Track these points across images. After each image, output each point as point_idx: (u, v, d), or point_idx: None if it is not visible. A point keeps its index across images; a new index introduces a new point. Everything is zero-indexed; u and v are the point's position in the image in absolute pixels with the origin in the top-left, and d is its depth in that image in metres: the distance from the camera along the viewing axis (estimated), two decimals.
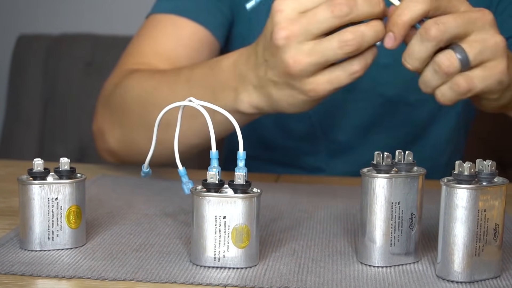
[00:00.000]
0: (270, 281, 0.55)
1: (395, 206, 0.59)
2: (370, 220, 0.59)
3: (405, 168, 0.60)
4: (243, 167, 0.59)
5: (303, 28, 0.66)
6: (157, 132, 0.65)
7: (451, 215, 0.55)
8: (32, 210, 0.60)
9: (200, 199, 0.57)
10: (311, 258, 0.61)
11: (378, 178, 0.59)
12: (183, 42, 0.97)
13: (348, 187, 0.88)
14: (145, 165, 0.68)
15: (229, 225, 0.57)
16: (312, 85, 0.68)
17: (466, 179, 0.55)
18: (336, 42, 0.66)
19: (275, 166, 1.07)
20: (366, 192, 0.59)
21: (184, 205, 0.77)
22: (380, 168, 0.59)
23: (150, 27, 0.99)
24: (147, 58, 0.95)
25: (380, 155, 0.59)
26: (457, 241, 0.55)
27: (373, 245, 0.59)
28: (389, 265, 0.59)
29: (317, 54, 0.66)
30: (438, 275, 0.57)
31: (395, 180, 0.59)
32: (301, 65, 0.67)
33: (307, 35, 0.66)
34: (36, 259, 0.58)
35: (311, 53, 0.66)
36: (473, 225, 0.55)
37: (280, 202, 0.80)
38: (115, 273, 0.56)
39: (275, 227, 0.70)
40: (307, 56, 0.66)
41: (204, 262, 0.58)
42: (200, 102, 0.61)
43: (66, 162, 0.61)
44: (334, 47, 0.66)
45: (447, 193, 0.55)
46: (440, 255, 0.57)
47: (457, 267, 0.55)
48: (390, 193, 0.58)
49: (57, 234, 0.61)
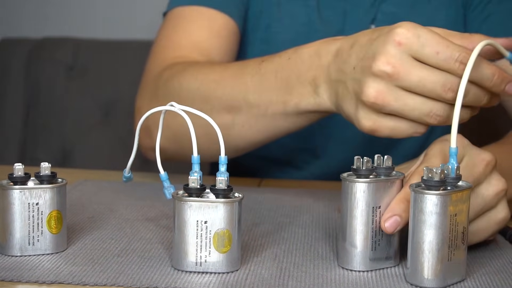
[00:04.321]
0: (252, 285, 0.55)
1: (375, 211, 0.59)
2: (351, 225, 0.59)
3: (385, 172, 0.60)
4: (225, 171, 0.59)
5: (414, 75, 0.62)
6: (138, 138, 0.65)
7: (424, 221, 0.55)
8: (12, 215, 0.59)
9: (182, 204, 0.57)
10: (292, 263, 0.61)
11: (358, 182, 0.59)
12: (216, 33, 0.97)
13: (330, 191, 0.88)
14: (126, 170, 0.68)
15: (210, 230, 0.57)
16: (371, 121, 0.66)
17: (436, 185, 0.55)
18: (427, 109, 0.63)
19: (271, 164, 1.07)
20: (347, 197, 0.59)
21: (166, 209, 0.77)
22: (360, 172, 0.59)
23: (181, 19, 0.99)
24: (184, 50, 0.94)
25: (360, 159, 0.60)
26: (432, 247, 0.55)
27: (354, 249, 0.59)
28: (370, 269, 0.59)
29: (402, 105, 0.63)
30: (409, 282, 0.57)
31: (375, 185, 0.59)
32: (379, 100, 0.64)
33: (411, 84, 0.63)
34: (17, 264, 0.58)
35: (398, 99, 0.63)
36: (446, 230, 0.55)
37: (262, 207, 0.80)
38: (96, 279, 0.55)
39: (257, 232, 0.70)
40: (394, 99, 0.63)
41: (185, 267, 0.58)
42: (181, 107, 0.61)
43: (47, 167, 0.61)
44: (423, 112, 0.63)
45: (418, 199, 0.55)
46: (412, 261, 0.56)
47: (431, 274, 0.55)
48: (371, 197, 0.59)
49: (38, 239, 0.60)
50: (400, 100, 0.63)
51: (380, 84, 0.63)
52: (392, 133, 0.66)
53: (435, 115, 0.63)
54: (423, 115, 0.63)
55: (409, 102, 0.63)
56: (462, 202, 0.56)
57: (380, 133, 0.66)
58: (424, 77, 0.62)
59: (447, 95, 0.62)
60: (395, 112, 0.64)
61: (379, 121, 0.66)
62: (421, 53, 0.62)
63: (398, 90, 0.63)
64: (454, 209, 0.55)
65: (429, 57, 0.62)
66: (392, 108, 0.64)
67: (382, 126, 0.66)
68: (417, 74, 0.62)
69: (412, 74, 0.62)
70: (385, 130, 0.66)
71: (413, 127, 0.66)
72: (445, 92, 0.62)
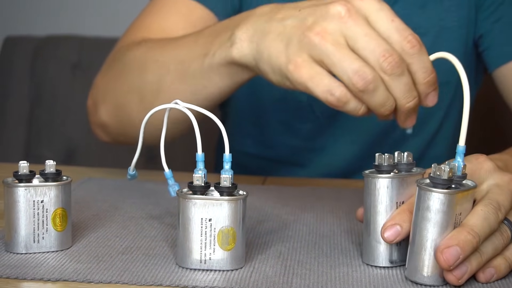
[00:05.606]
0: (256, 283, 0.55)
1: (399, 205, 0.59)
2: (376, 221, 0.59)
3: (406, 168, 0.60)
4: (229, 169, 0.59)
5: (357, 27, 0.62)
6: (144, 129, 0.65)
7: (429, 219, 0.55)
8: (17, 213, 0.59)
9: (186, 202, 0.57)
10: (297, 261, 0.61)
11: (381, 178, 0.59)
12: (192, 24, 0.96)
13: (335, 189, 0.89)
14: (131, 168, 0.68)
15: (215, 227, 0.57)
16: (300, 59, 0.64)
17: (444, 183, 0.54)
18: (356, 66, 0.62)
19: (278, 165, 1.08)
20: (370, 193, 0.59)
21: (171, 207, 0.77)
22: (383, 168, 0.59)
23: (161, 5, 0.98)
24: (153, 34, 0.94)
25: (381, 156, 0.60)
26: (435, 245, 0.55)
27: (379, 245, 0.59)
28: (395, 266, 0.60)
29: (336, 51, 0.62)
30: (408, 278, 0.57)
31: (398, 180, 0.59)
32: (319, 36, 0.63)
33: (356, 35, 0.62)
34: (22, 262, 0.58)
35: (335, 44, 0.62)
36: (450, 229, 0.55)
37: (267, 204, 0.80)
38: (100, 276, 0.56)
39: (261, 229, 0.70)
40: (332, 42, 0.62)
41: (190, 265, 0.58)
42: (186, 105, 0.61)
43: (52, 164, 0.61)
44: (352, 68, 0.62)
45: (424, 196, 0.55)
46: (413, 258, 0.56)
47: (431, 271, 0.55)
48: (394, 192, 0.59)
49: (43, 237, 0.60)
50: (337, 46, 0.62)
51: (330, 24, 0.63)
52: (308, 80, 0.64)
53: (361, 76, 0.61)
54: (350, 71, 0.62)
55: (344, 52, 0.62)
56: (467, 201, 0.56)
57: (299, 74, 0.64)
58: (371, 35, 0.62)
59: (383, 63, 0.61)
60: (326, 59, 0.63)
61: (307, 62, 0.64)
62: (376, 15, 0.63)
63: (341, 38, 0.63)
64: (459, 208, 0.55)
65: (383, 21, 0.62)
66: (326, 50, 0.62)
67: (306, 68, 0.64)
68: (366, 29, 0.62)
69: (361, 26, 0.62)
70: (305, 74, 0.64)
71: (330, 84, 0.63)
72: (383, 58, 0.61)
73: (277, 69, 0.67)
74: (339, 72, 0.62)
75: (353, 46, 0.62)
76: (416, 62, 0.62)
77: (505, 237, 0.58)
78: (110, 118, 0.89)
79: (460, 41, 0.99)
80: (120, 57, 0.90)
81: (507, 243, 0.58)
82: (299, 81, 0.64)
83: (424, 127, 1.03)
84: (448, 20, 0.99)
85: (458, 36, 0.99)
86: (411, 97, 0.63)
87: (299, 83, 0.64)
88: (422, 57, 0.62)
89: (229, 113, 1.10)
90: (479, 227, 0.55)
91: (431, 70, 0.63)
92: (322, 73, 0.63)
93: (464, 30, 0.99)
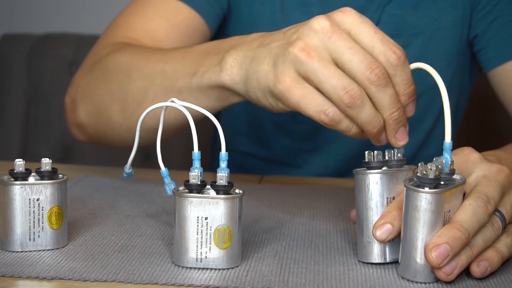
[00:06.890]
0: (252, 282, 0.55)
1: (390, 201, 0.59)
2: (367, 217, 0.60)
3: (396, 164, 0.60)
4: (225, 168, 0.59)
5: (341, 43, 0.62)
6: (139, 132, 0.65)
7: (418, 219, 0.55)
8: (13, 211, 0.59)
9: (182, 200, 0.57)
10: (293, 259, 0.61)
11: (371, 174, 0.59)
12: (176, 25, 0.95)
13: (330, 188, 0.89)
14: (127, 166, 0.68)
15: (211, 226, 0.57)
16: (288, 78, 0.63)
17: (430, 182, 0.54)
18: (345, 83, 0.61)
19: (273, 164, 1.07)
20: (360, 189, 0.60)
21: (167, 206, 0.77)
22: (372, 165, 0.60)
23: (145, 3, 0.97)
24: (136, 34, 0.93)
25: (371, 153, 0.60)
26: (425, 244, 0.55)
27: (372, 241, 0.60)
28: (389, 261, 0.60)
29: (323, 67, 0.62)
30: (401, 276, 0.57)
31: (388, 175, 0.59)
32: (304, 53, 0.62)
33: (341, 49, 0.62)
34: (17, 260, 0.58)
35: (321, 60, 0.62)
36: (439, 227, 0.55)
37: (263, 203, 0.80)
38: (96, 274, 0.56)
39: (258, 228, 0.70)
40: (318, 59, 0.62)
41: (186, 263, 0.58)
42: (182, 103, 0.61)
43: (48, 162, 0.61)
44: (340, 84, 0.61)
45: (412, 196, 0.55)
46: (405, 257, 0.56)
47: (423, 269, 0.55)
48: (384, 188, 0.59)
49: (39, 235, 0.60)
50: (323, 62, 0.62)
51: (313, 39, 0.62)
52: (300, 100, 0.63)
53: (348, 93, 0.61)
54: (338, 87, 0.61)
55: (330, 68, 0.62)
56: (455, 198, 0.56)
57: (290, 95, 0.63)
58: (355, 48, 0.61)
59: (370, 75, 0.61)
60: (313, 76, 0.62)
61: (296, 81, 0.63)
62: (359, 28, 0.62)
63: (325, 53, 0.62)
64: (448, 205, 0.55)
65: (366, 33, 0.62)
66: (313, 66, 0.62)
67: (296, 87, 0.63)
68: (350, 43, 0.62)
69: (345, 40, 0.62)
70: (296, 94, 0.63)
71: (323, 104, 0.62)
72: (370, 70, 0.61)
73: (267, 92, 0.66)
74: (328, 89, 0.62)
75: (337, 60, 0.62)
76: (399, 74, 0.62)
77: (496, 228, 0.58)
78: (88, 119, 0.88)
79: (454, 41, 0.99)
80: (103, 60, 0.89)
81: (498, 234, 0.58)
82: (291, 101, 0.64)
83: (418, 127, 1.03)
84: (442, 20, 0.98)
85: (452, 36, 0.99)
86: (395, 107, 0.63)
87: (292, 102, 0.64)
88: (405, 69, 0.62)
89: (224, 112, 1.10)
90: (468, 222, 0.55)
91: (412, 82, 0.63)
92: (313, 92, 0.63)
93: (458, 30, 0.99)
